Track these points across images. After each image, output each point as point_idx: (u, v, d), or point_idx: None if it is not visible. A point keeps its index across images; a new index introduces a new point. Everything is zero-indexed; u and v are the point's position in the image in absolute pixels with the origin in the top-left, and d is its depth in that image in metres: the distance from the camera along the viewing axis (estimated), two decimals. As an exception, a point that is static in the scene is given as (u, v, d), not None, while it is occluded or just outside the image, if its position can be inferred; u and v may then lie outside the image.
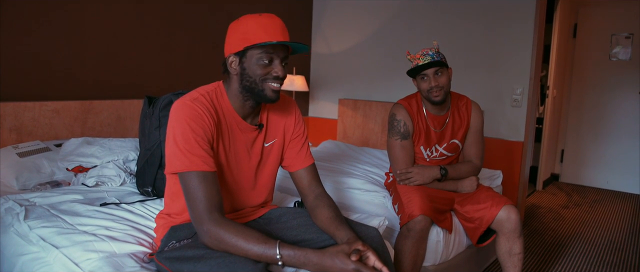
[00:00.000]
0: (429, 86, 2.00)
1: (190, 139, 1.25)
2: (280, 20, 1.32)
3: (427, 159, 2.15)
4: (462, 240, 2.14)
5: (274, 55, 1.30)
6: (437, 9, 3.40)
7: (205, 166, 1.25)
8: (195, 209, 1.22)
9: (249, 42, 1.28)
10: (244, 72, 1.32)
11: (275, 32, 1.29)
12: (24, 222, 1.52)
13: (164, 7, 2.91)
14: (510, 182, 3.13)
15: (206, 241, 1.20)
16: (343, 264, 1.12)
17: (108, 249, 1.37)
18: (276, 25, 1.30)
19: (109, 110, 2.62)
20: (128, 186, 2.04)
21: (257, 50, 1.29)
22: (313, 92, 4.17)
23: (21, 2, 2.28)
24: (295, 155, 1.52)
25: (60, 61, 2.47)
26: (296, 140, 1.53)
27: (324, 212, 1.41)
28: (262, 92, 1.32)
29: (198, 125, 1.27)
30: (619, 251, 3.00)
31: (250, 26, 1.29)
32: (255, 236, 1.16)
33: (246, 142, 1.42)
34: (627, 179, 4.56)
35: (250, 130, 1.42)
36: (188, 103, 1.29)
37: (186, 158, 1.24)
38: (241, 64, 1.32)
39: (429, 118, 2.11)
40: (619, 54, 4.52)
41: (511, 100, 3.13)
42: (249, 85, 1.32)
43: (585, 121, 4.76)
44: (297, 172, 1.52)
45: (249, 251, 1.14)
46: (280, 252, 1.13)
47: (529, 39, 3.03)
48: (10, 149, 2.15)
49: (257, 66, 1.30)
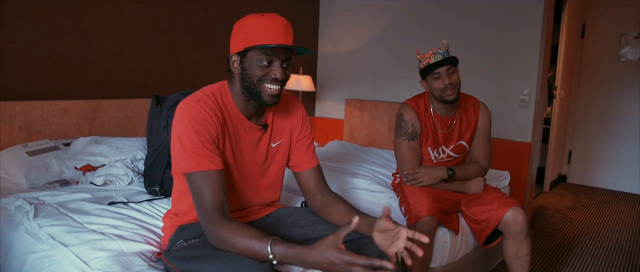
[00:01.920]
0: (443, 85, 1.97)
1: (194, 140, 1.25)
2: (284, 20, 1.30)
3: (434, 161, 2.14)
4: (469, 241, 2.14)
5: (273, 57, 1.29)
6: (444, 9, 3.39)
7: (211, 165, 1.25)
8: (202, 209, 1.23)
9: (250, 42, 1.28)
10: (244, 73, 1.32)
11: (277, 33, 1.27)
12: (34, 220, 1.54)
13: (172, 7, 2.92)
14: (518, 183, 3.11)
15: (211, 241, 1.22)
16: (333, 258, 1.09)
17: (116, 247, 1.38)
18: (278, 26, 1.28)
19: (117, 109, 2.63)
20: (136, 185, 2.06)
21: (257, 51, 1.28)
22: (320, 92, 4.17)
23: (31, 3, 2.31)
24: (302, 155, 1.52)
25: (69, 61, 2.49)
26: (303, 141, 1.53)
27: (338, 207, 1.42)
28: (260, 94, 1.31)
29: (201, 127, 1.27)
30: (627, 253, 2.98)
31: (251, 26, 1.28)
32: (251, 234, 1.15)
33: (251, 142, 1.42)
34: (636, 180, 4.52)
35: (255, 130, 1.42)
36: (192, 104, 1.29)
37: (192, 159, 1.25)
38: (242, 64, 1.32)
39: (437, 119, 2.10)
40: (628, 54, 4.48)
41: (519, 101, 3.11)
42: (248, 86, 1.32)
43: (593, 122, 4.73)
44: (303, 173, 1.52)
45: (246, 250, 1.15)
46: (272, 251, 1.12)
47: (536, 40, 3.01)
48: (20, 147, 2.17)
49: (257, 67, 1.29)
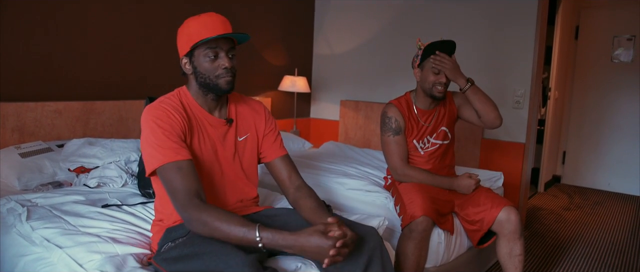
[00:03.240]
0: (438, 80, 2.07)
1: (159, 135, 1.32)
2: (221, 15, 1.42)
3: (421, 152, 2.19)
4: (463, 241, 2.14)
5: (217, 49, 1.39)
6: (438, 10, 3.40)
7: (178, 156, 1.31)
8: (177, 198, 1.27)
9: (193, 41, 1.37)
10: (196, 70, 1.42)
11: (215, 27, 1.38)
12: (27, 222, 1.53)
13: (166, 8, 2.91)
14: (512, 183, 3.12)
15: (192, 226, 1.25)
16: (319, 242, 1.17)
17: (111, 250, 1.38)
18: (216, 21, 1.39)
19: (111, 111, 2.62)
20: (130, 187, 2.04)
21: (202, 47, 1.38)
22: (315, 93, 4.17)
23: (23, 3, 2.29)
24: (269, 146, 1.60)
25: (63, 62, 2.47)
26: (269, 134, 1.61)
27: (306, 202, 1.47)
28: (217, 86, 1.41)
29: (165, 122, 1.34)
30: (620, 253, 3.00)
31: (192, 27, 1.39)
32: (236, 220, 1.22)
33: (218, 136, 1.49)
34: (629, 181, 4.55)
35: (220, 124, 1.49)
36: (155, 105, 1.40)
37: (159, 153, 1.30)
38: (192, 63, 1.42)
39: (419, 113, 2.19)
40: (621, 55, 4.51)
41: (513, 102, 3.13)
42: (203, 81, 1.42)
43: (587, 123, 4.75)
44: (273, 162, 1.59)
45: (230, 234, 1.20)
46: (259, 235, 1.18)
47: (530, 41, 3.03)
48: (13, 149, 2.15)
49: (205, 62, 1.39)
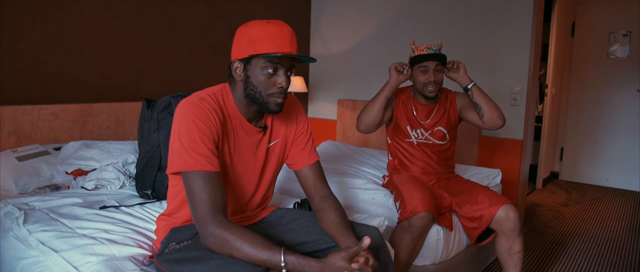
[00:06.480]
0: (427, 80, 2.10)
1: (195, 138, 1.23)
2: (289, 28, 1.29)
3: (415, 142, 2.22)
4: (462, 239, 2.15)
5: (279, 65, 1.28)
6: (435, 8, 3.40)
7: (209, 166, 1.22)
8: (199, 210, 1.19)
9: (255, 50, 1.26)
10: (248, 80, 1.30)
11: (283, 41, 1.26)
12: (23, 226, 1.52)
13: (163, 10, 2.91)
14: (510, 180, 3.13)
15: (209, 243, 1.17)
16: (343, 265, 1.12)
17: (108, 252, 1.37)
18: (284, 34, 1.27)
19: (108, 113, 2.61)
20: (127, 189, 2.04)
21: (262, 59, 1.27)
22: (312, 93, 4.17)
23: (20, 5, 2.28)
24: (299, 152, 1.50)
25: (59, 64, 2.47)
26: (300, 138, 1.51)
27: (329, 216, 1.39)
28: (266, 105, 1.31)
29: (204, 124, 1.25)
30: (619, 249, 3.01)
31: (257, 33, 1.26)
32: (260, 241, 1.14)
33: (251, 144, 1.40)
34: (627, 177, 4.57)
35: (255, 132, 1.41)
36: (195, 102, 1.28)
37: (190, 157, 1.22)
38: (245, 71, 1.30)
39: (416, 106, 2.23)
40: (617, 51, 4.52)
41: (510, 99, 3.13)
42: (252, 94, 1.31)
43: (584, 119, 4.77)
44: (301, 170, 1.50)
45: (252, 256, 1.13)
46: (284, 260, 1.12)
47: (527, 38, 3.03)
48: (9, 152, 2.14)
49: (261, 75, 1.28)
